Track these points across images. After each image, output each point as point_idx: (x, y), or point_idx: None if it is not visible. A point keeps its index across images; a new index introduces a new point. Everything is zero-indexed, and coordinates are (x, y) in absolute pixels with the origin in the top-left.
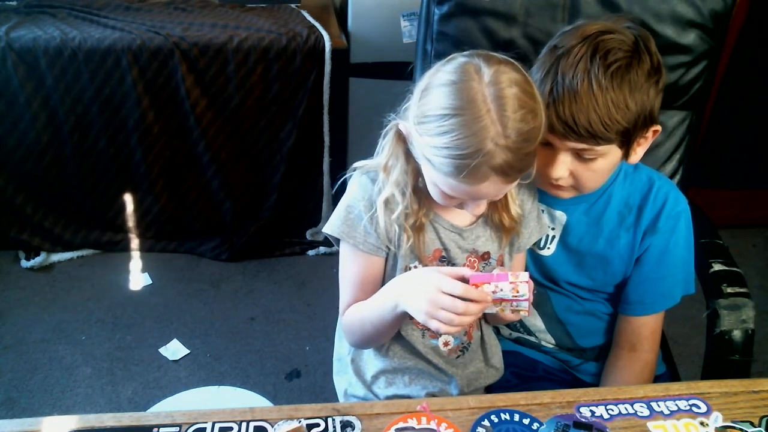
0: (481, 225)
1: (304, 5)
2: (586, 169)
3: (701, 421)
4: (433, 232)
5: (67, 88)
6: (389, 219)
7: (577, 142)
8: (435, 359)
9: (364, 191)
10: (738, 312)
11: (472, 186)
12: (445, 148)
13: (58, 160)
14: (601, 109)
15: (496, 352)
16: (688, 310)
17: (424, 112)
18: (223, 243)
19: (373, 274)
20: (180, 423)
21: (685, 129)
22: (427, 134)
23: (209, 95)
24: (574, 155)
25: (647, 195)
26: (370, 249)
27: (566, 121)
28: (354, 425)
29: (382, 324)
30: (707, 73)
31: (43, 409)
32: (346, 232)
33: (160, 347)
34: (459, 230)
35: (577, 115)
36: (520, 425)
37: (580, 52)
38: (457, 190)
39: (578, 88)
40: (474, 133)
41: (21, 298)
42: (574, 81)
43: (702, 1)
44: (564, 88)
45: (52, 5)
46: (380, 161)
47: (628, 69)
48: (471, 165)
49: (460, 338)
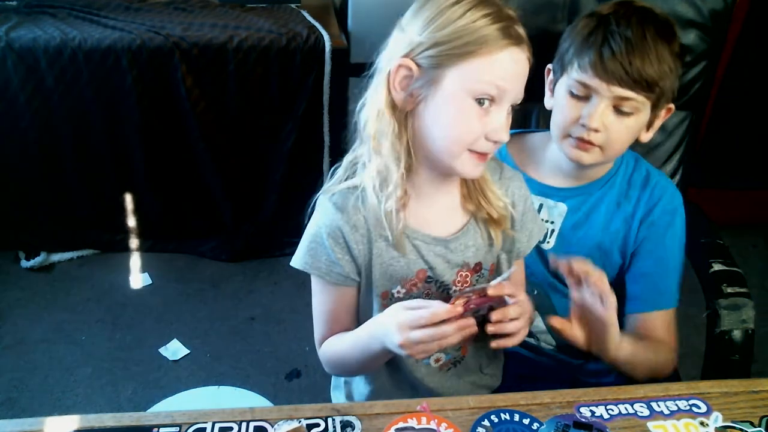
0: (470, 230)
1: (304, 5)
2: (619, 123)
3: (701, 421)
4: (413, 251)
5: (67, 88)
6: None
7: (624, 89)
8: (431, 383)
9: (327, 218)
10: (738, 312)
11: (512, 49)
12: (477, 19)
13: (58, 159)
14: (653, 56)
15: (493, 363)
16: (688, 309)
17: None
18: (223, 243)
19: (345, 304)
20: (180, 423)
21: (685, 129)
22: (443, 27)
23: (209, 95)
24: (612, 108)
25: (644, 187)
26: (337, 279)
27: (621, 62)
28: (354, 425)
29: (367, 361)
30: (707, 73)
31: (43, 409)
32: (310, 264)
33: (160, 347)
34: (443, 242)
35: (632, 59)
36: (520, 425)
37: (629, 10)
38: (495, 72)
39: (633, 36)
40: None
41: (21, 298)
42: (629, 30)
43: (702, 1)
44: (619, 36)
45: (52, 5)
46: (364, 141)
47: (673, 35)
48: (503, 22)
49: (452, 354)
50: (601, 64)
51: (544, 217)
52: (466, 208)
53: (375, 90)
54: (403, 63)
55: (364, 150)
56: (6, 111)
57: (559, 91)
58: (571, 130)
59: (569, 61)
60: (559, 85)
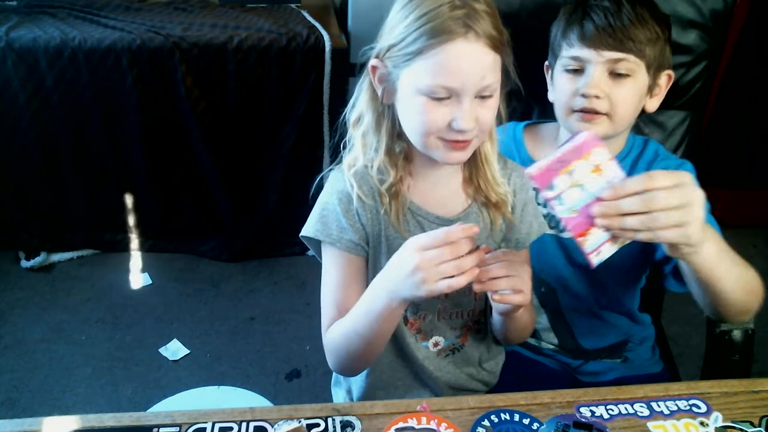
0: (472, 214)
1: (304, 5)
2: (619, 87)
3: (701, 421)
4: (417, 227)
5: (67, 88)
6: (364, 187)
7: (613, 51)
8: (430, 365)
9: (336, 185)
10: None
11: (446, 45)
12: (413, 22)
13: (59, 159)
14: (633, 18)
15: (492, 359)
16: (688, 309)
17: (388, 24)
18: (223, 243)
19: (355, 276)
20: (180, 423)
21: (685, 129)
22: (395, 29)
23: (209, 95)
24: (607, 72)
25: (653, 163)
26: (348, 247)
27: (604, 28)
28: (354, 425)
29: (374, 331)
30: (707, 73)
31: (43, 409)
32: (321, 231)
33: (160, 347)
34: (447, 222)
35: (614, 22)
36: (520, 425)
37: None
38: (435, 72)
39: (611, 4)
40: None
41: (21, 298)
42: (605, 1)
43: (702, 1)
44: (598, 7)
45: (52, 5)
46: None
47: (653, 5)
48: (435, 21)
49: (451, 340)
50: (587, 34)
51: None
52: (467, 192)
53: (363, 84)
54: (374, 63)
55: (356, 137)
56: (6, 111)
57: (556, 76)
58: (573, 104)
59: (558, 44)
60: (555, 71)
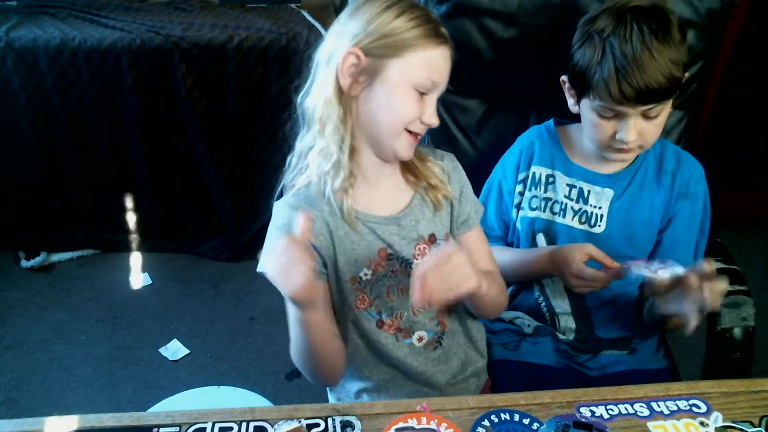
0: (416, 205)
1: (304, 5)
2: (651, 125)
3: (701, 421)
4: (370, 233)
5: (67, 88)
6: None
7: (647, 104)
8: (414, 362)
9: (284, 218)
10: (738, 310)
11: (440, 47)
12: (407, 21)
13: (58, 159)
14: (665, 69)
15: (478, 337)
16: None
17: (365, 18)
18: (223, 243)
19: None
20: (180, 423)
21: (682, 129)
22: (383, 25)
23: (209, 95)
24: (641, 117)
25: (679, 162)
26: None
27: (641, 89)
28: (354, 425)
29: (307, 339)
30: (704, 72)
31: (43, 409)
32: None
33: (160, 347)
34: (395, 220)
35: (648, 82)
36: (520, 425)
37: (627, 28)
38: (429, 67)
39: (641, 59)
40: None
41: (21, 298)
42: (635, 55)
43: (699, 1)
44: (629, 63)
45: (52, 5)
46: (311, 127)
47: (669, 29)
48: (430, 24)
49: (433, 330)
50: (620, 91)
51: (593, 203)
52: (408, 181)
53: (322, 78)
54: (352, 51)
55: (310, 136)
56: (6, 111)
57: (585, 110)
58: (610, 143)
59: (586, 87)
60: (584, 105)
